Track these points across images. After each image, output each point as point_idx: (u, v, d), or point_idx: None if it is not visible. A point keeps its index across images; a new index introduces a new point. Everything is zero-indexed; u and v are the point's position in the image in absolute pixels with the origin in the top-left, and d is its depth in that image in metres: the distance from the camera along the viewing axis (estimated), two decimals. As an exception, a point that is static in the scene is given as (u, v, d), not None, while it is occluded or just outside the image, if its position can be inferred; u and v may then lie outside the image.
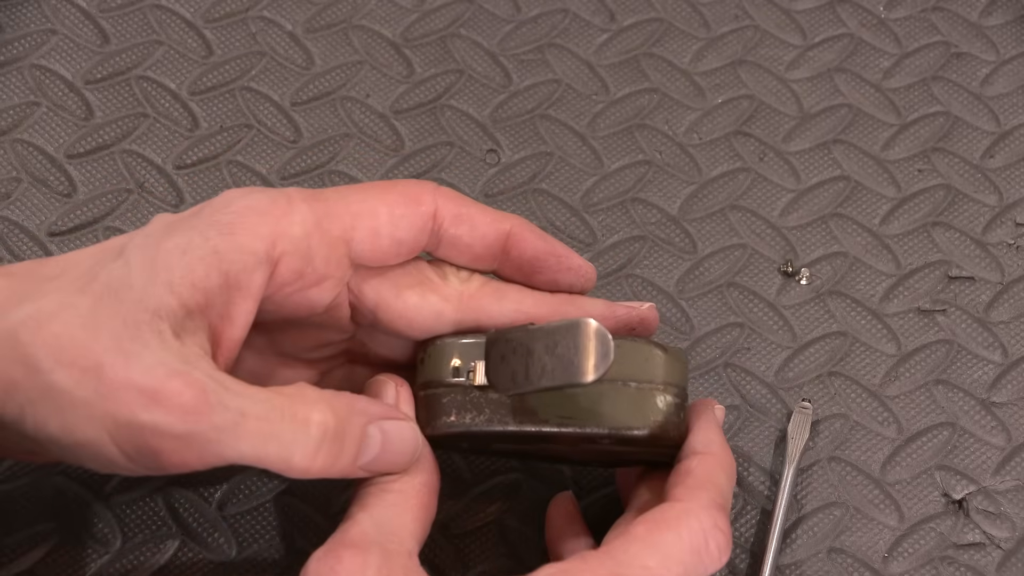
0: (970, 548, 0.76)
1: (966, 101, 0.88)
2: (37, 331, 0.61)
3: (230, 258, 0.64)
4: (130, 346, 0.61)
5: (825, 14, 0.91)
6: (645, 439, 0.68)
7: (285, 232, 0.66)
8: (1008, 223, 0.85)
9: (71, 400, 0.61)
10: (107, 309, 0.62)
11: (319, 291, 0.68)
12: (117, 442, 0.61)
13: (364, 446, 0.65)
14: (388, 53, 0.89)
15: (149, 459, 0.61)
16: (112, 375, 0.61)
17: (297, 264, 0.66)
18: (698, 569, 0.65)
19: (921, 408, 0.79)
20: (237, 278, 0.64)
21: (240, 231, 0.65)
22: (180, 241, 0.64)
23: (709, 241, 0.84)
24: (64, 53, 0.88)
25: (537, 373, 0.66)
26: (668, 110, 0.88)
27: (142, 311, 0.62)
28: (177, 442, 0.61)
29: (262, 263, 0.65)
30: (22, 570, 0.73)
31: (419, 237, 0.69)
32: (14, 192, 0.83)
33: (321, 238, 0.66)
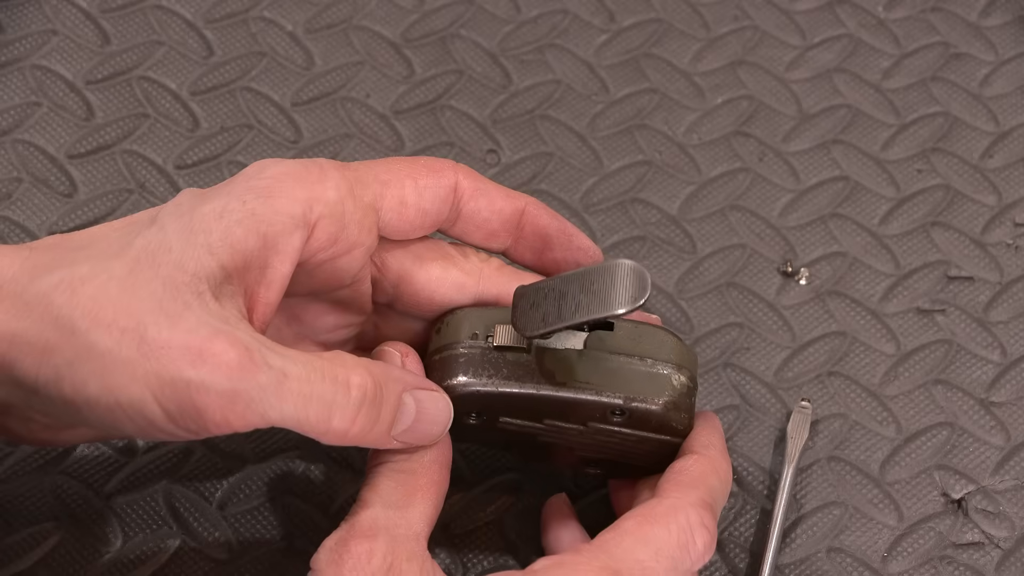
0: (969, 548, 0.76)
1: (965, 101, 0.89)
2: (72, 294, 0.61)
3: (268, 220, 0.65)
4: (171, 306, 0.61)
5: (825, 15, 0.91)
6: (658, 415, 0.68)
7: (321, 196, 0.66)
8: (1007, 223, 0.85)
9: (113, 359, 0.61)
10: (145, 272, 0.62)
11: (349, 259, 0.68)
12: (160, 401, 0.61)
13: (400, 414, 0.65)
14: (388, 53, 0.89)
15: (192, 418, 0.61)
16: (155, 334, 0.61)
17: (333, 228, 0.67)
18: (684, 564, 0.66)
19: (920, 408, 0.79)
20: (275, 241, 0.65)
21: (277, 195, 0.65)
22: (216, 206, 0.64)
23: (709, 241, 0.84)
24: (65, 53, 0.88)
25: (570, 310, 0.66)
26: (668, 110, 0.88)
27: (181, 273, 0.62)
28: (222, 399, 0.61)
29: (299, 226, 0.65)
30: (22, 570, 0.73)
31: (442, 208, 0.70)
32: (15, 192, 0.83)
33: (354, 204, 0.67)
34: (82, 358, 0.61)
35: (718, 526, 0.75)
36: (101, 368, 0.61)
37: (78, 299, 0.61)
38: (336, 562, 0.64)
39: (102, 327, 0.61)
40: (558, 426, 0.69)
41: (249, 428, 0.62)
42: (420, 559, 0.64)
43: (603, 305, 0.65)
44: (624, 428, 0.69)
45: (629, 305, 0.65)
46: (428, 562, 0.65)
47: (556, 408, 0.68)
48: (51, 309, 0.61)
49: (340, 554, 0.64)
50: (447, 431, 0.67)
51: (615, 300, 0.65)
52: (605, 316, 0.65)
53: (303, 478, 0.76)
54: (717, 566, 0.75)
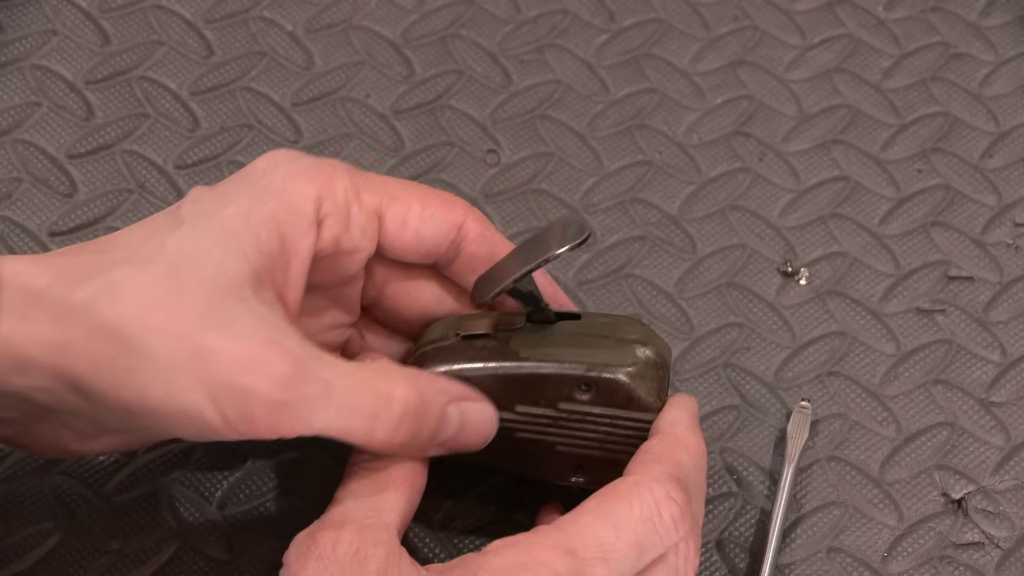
0: (969, 548, 0.76)
1: (965, 101, 0.89)
2: (115, 301, 0.62)
3: (286, 221, 0.66)
4: (220, 312, 0.62)
5: (825, 14, 0.91)
6: (624, 386, 0.68)
7: (329, 196, 0.67)
8: (1007, 223, 0.85)
9: (170, 366, 0.61)
10: (186, 276, 0.63)
11: (349, 261, 0.69)
12: (218, 406, 0.61)
13: (443, 425, 0.66)
14: (388, 53, 0.89)
15: (246, 423, 0.62)
16: (208, 341, 0.61)
17: (338, 229, 0.68)
18: (652, 539, 0.64)
19: (920, 408, 0.79)
20: (293, 242, 0.66)
21: (291, 194, 0.66)
22: (240, 207, 0.65)
23: (709, 241, 0.84)
24: (65, 53, 0.88)
25: (516, 267, 0.68)
26: (668, 110, 0.88)
27: (224, 278, 0.63)
28: (271, 408, 0.62)
29: (312, 226, 0.67)
30: (22, 570, 0.73)
31: (440, 241, 0.71)
32: (15, 192, 0.83)
33: (360, 208, 0.69)
34: (140, 367, 0.61)
35: (723, 526, 0.75)
36: (160, 376, 0.61)
37: (124, 305, 0.62)
38: (304, 554, 0.63)
39: (154, 333, 0.61)
40: (530, 413, 0.70)
41: (295, 435, 0.63)
42: (387, 545, 0.64)
43: (542, 251, 0.67)
44: (594, 408, 0.69)
45: (569, 244, 0.66)
46: (396, 548, 0.64)
47: (523, 389, 0.69)
48: (98, 317, 0.61)
49: (308, 546, 0.64)
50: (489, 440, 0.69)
51: (553, 244, 0.67)
52: (545, 259, 0.67)
53: (303, 478, 0.76)
54: (717, 566, 0.75)
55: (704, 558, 0.75)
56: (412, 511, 0.67)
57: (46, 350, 0.62)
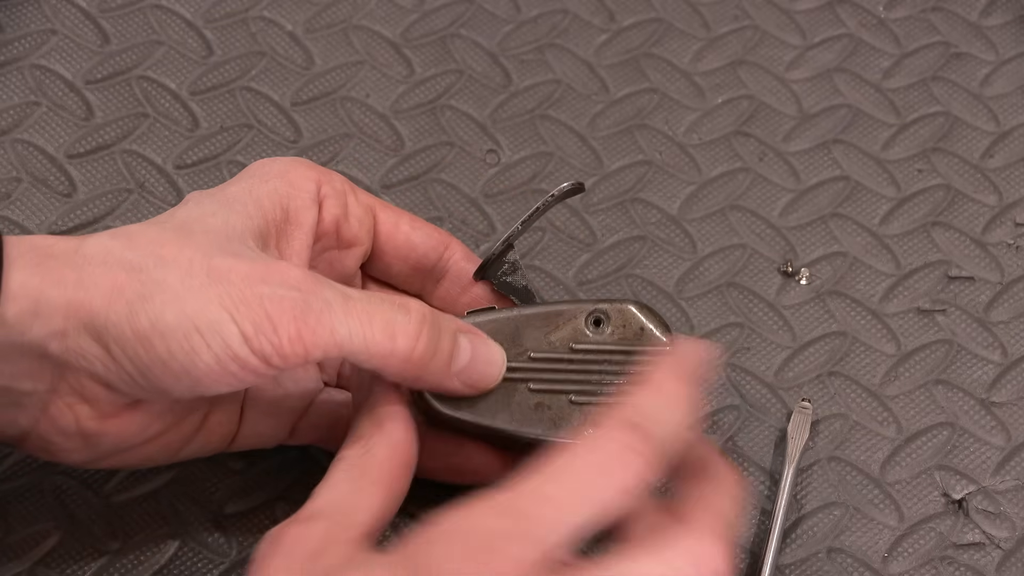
0: (970, 548, 0.76)
1: (966, 101, 0.89)
2: (129, 241, 0.64)
3: (289, 194, 0.69)
4: (229, 248, 0.65)
5: (825, 14, 0.91)
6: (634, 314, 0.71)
7: (328, 181, 0.71)
8: (1008, 223, 0.85)
9: (186, 287, 0.63)
10: (195, 228, 0.66)
11: (348, 257, 0.72)
12: (236, 319, 0.62)
13: (457, 350, 0.67)
14: (388, 53, 0.89)
15: (267, 334, 0.62)
16: (223, 264, 0.63)
17: (337, 211, 0.71)
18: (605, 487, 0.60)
19: (921, 408, 0.79)
20: (297, 214, 0.69)
21: (291, 175, 0.70)
22: (243, 186, 0.69)
23: (709, 241, 0.84)
24: (64, 53, 0.88)
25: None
26: (668, 110, 0.88)
27: (230, 229, 0.66)
28: (294, 310, 0.63)
29: (314, 201, 0.70)
30: (22, 570, 0.73)
31: (429, 253, 0.73)
32: (14, 192, 0.83)
33: (356, 200, 0.72)
34: (155, 292, 0.63)
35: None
36: (175, 296, 0.62)
37: (137, 243, 0.64)
38: (271, 547, 0.62)
39: (168, 263, 0.63)
40: (544, 359, 0.70)
41: (320, 350, 0.63)
42: (353, 543, 0.62)
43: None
44: (606, 344, 0.70)
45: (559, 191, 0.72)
46: (362, 546, 0.62)
47: (535, 333, 0.70)
48: (112, 255, 0.63)
49: (275, 540, 0.62)
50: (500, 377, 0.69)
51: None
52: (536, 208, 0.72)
53: (302, 480, 0.75)
54: (717, 566, 0.75)
55: (704, 558, 0.75)
56: (391, 511, 0.65)
57: (62, 288, 0.62)
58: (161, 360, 0.63)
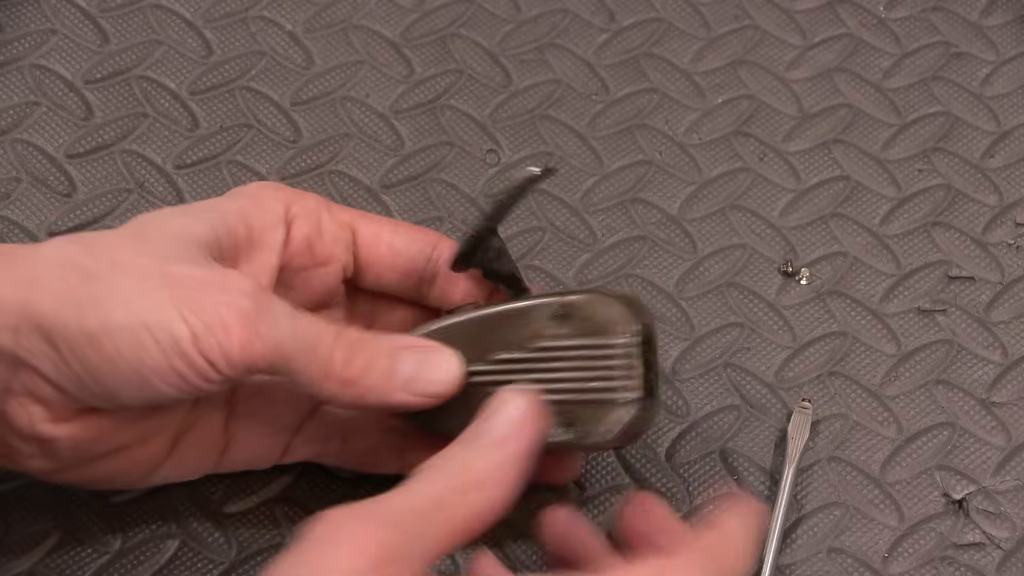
0: (970, 548, 0.76)
1: (966, 101, 0.88)
2: (85, 247, 0.65)
3: (254, 215, 0.69)
4: (185, 256, 0.65)
5: (825, 14, 0.91)
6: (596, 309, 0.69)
7: (298, 202, 0.71)
8: (1008, 223, 0.85)
9: (138, 289, 0.63)
10: (152, 232, 0.66)
11: (325, 274, 0.71)
12: (187, 319, 0.63)
13: (396, 365, 0.67)
14: (388, 53, 0.89)
15: (216, 336, 0.63)
16: (177, 271, 0.64)
17: (308, 229, 0.71)
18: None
19: (921, 408, 0.79)
20: (261, 234, 0.69)
21: (260, 198, 0.70)
22: (209, 202, 0.69)
23: (709, 241, 0.84)
24: (64, 53, 0.88)
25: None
26: (668, 110, 0.88)
27: (188, 235, 0.66)
28: (244, 317, 0.63)
29: (280, 221, 0.70)
30: (22, 570, 0.73)
31: (416, 257, 0.72)
32: (14, 192, 0.83)
33: (330, 218, 0.71)
34: (106, 295, 0.63)
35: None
36: (126, 298, 0.63)
37: (93, 249, 0.64)
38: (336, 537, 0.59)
39: (121, 268, 0.64)
40: (507, 360, 0.69)
41: (265, 362, 0.64)
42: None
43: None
44: (570, 340, 0.69)
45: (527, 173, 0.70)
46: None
47: (498, 333, 0.69)
48: (70, 259, 0.64)
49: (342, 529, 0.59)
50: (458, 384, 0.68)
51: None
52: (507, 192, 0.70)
53: (302, 480, 0.75)
54: (718, 566, 0.75)
55: (705, 558, 0.75)
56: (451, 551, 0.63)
57: (15, 287, 0.63)
58: (109, 359, 0.63)
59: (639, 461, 0.77)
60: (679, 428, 0.78)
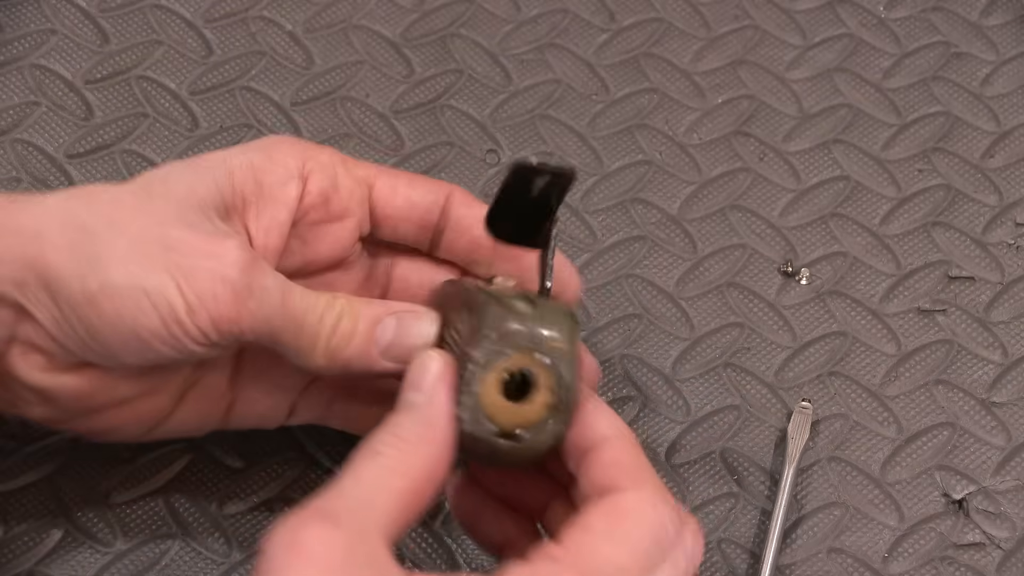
0: (970, 548, 0.76)
1: (966, 101, 0.88)
2: (87, 201, 0.65)
3: (266, 169, 0.69)
4: (185, 218, 0.65)
5: (825, 14, 0.91)
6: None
7: (314, 156, 0.70)
8: (1008, 223, 0.85)
9: (137, 252, 0.64)
10: (157, 189, 0.66)
11: (341, 229, 0.71)
12: (181, 288, 0.64)
13: (379, 330, 0.67)
14: (388, 53, 0.89)
15: (208, 308, 0.64)
16: (174, 235, 0.65)
17: (324, 184, 0.70)
18: (658, 554, 0.62)
19: (921, 408, 0.79)
20: (272, 190, 0.69)
21: (273, 150, 0.70)
22: (218, 155, 0.69)
23: (709, 241, 0.84)
24: (64, 53, 0.88)
25: None
26: (668, 110, 0.88)
27: (193, 196, 0.66)
28: (234, 290, 0.64)
29: (294, 176, 0.69)
30: (22, 570, 0.73)
31: (431, 207, 0.72)
32: (14, 192, 0.83)
33: (346, 172, 0.71)
34: (105, 253, 0.64)
35: (723, 526, 0.75)
36: (125, 259, 0.64)
37: (94, 206, 0.65)
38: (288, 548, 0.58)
39: (119, 228, 0.64)
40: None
41: (253, 334, 0.65)
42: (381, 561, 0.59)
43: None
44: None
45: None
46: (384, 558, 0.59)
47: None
48: (73, 215, 0.65)
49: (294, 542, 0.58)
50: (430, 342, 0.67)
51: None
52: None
53: (302, 480, 0.75)
54: (717, 566, 0.75)
55: (704, 558, 0.75)
56: (414, 522, 0.62)
57: (21, 237, 0.64)
58: (109, 322, 0.64)
59: (639, 461, 0.77)
60: (679, 428, 0.78)
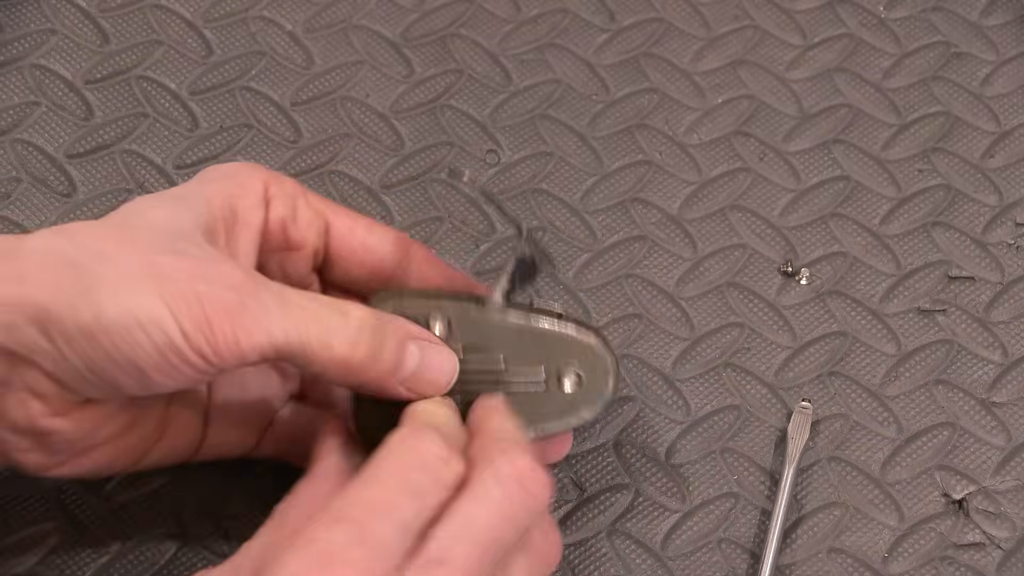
0: (970, 548, 0.76)
1: (966, 101, 0.88)
2: (71, 239, 0.64)
3: (237, 194, 0.69)
4: (173, 246, 0.65)
5: (825, 14, 0.91)
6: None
7: (276, 183, 0.71)
8: (1008, 223, 0.85)
9: (127, 282, 0.63)
10: (138, 222, 0.66)
11: (299, 258, 0.71)
12: (176, 315, 0.63)
13: (404, 357, 0.67)
14: (388, 53, 0.89)
15: (204, 333, 0.63)
16: (164, 262, 0.64)
17: (284, 212, 0.70)
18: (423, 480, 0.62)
19: (921, 408, 0.79)
20: (245, 214, 0.69)
21: (242, 176, 0.70)
22: (191, 186, 0.69)
23: (709, 241, 0.84)
24: (64, 53, 0.88)
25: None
26: (668, 110, 0.88)
27: (174, 225, 0.66)
28: (230, 312, 0.63)
29: (261, 202, 0.70)
30: (22, 570, 0.73)
31: (387, 257, 0.72)
32: (14, 192, 0.83)
33: (305, 204, 0.71)
34: (96, 285, 0.63)
35: (723, 526, 0.75)
36: (117, 291, 0.63)
37: (79, 241, 0.64)
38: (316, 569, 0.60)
39: (108, 259, 0.63)
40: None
41: (256, 352, 0.64)
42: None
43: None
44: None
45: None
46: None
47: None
48: (58, 253, 0.64)
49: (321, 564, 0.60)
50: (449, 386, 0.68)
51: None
52: None
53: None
54: (717, 566, 0.75)
55: (704, 558, 0.75)
56: None
57: (6, 283, 0.63)
58: (107, 354, 0.63)
59: (639, 461, 0.77)
60: (679, 428, 0.78)
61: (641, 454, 0.77)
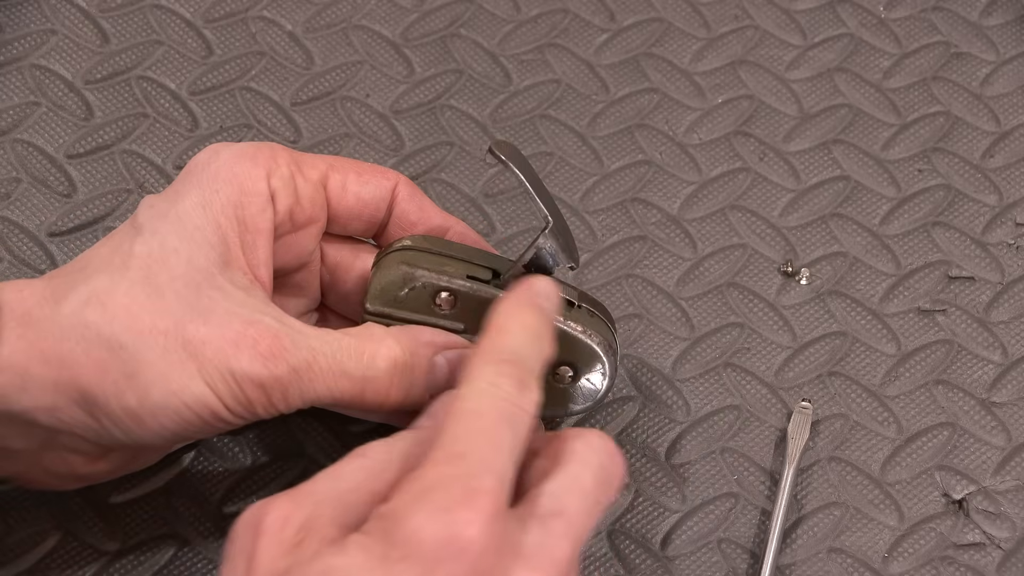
0: (970, 548, 0.76)
1: (966, 101, 0.88)
2: (103, 309, 0.64)
3: (241, 204, 0.68)
4: (199, 305, 0.65)
5: (825, 14, 0.91)
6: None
7: (275, 171, 0.70)
8: (1008, 223, 0.85)
9: (166, 364, 0.64)
10: (161, 276, 0.65)
11: (305, 236, 0.71)
12: (218, 393, 0.64)
13: (433, 376, 0.68)
14: (388, 53, 0.89)
15: (246, 406, 0.65)
16: (194, 332, 0.64)
17: (288, 201, 0.70)
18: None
19: (921, 408, 0.79)
20: (254, 222, 0.69)
21: (240, 177, 0.69)
22: (195, 200, 0.68)
23: (709, 241, 0.84)
24: (64, 53, 0.88)
25: None
26: (668, 110, 0.88)
27: (195, 271, 0.66)
28: (262, 387, 0.65)
29: (268, 202, 0.69)
30: (22, 570, 0.73)
31: (380, 205, 0.73)
32: (14, 192, 0.83)
33: (304, 180, 0.71)
34: (138, 370, 0.64)
35: (723, 526, 0.75)
36: (158, 375, 0.64)
37: (111, 312, 0.64)
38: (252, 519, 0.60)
39: (144, 336, 0.64)
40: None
41: (295, 409, 0.66)
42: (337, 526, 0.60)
43: None
44: None
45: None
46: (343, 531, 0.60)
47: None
48: (90, 328, 0.64)
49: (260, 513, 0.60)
50: None
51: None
52: None
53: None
54: (717, 566, 0.75)
55: (704, 558, 0.75)
56: None
57: (48, 367, 0.64)
58: (153, 431, 0.65)
59: (639, 461, 0.77)
60: (679, 428, 0.78)
61: (641, 454, 0.77)
